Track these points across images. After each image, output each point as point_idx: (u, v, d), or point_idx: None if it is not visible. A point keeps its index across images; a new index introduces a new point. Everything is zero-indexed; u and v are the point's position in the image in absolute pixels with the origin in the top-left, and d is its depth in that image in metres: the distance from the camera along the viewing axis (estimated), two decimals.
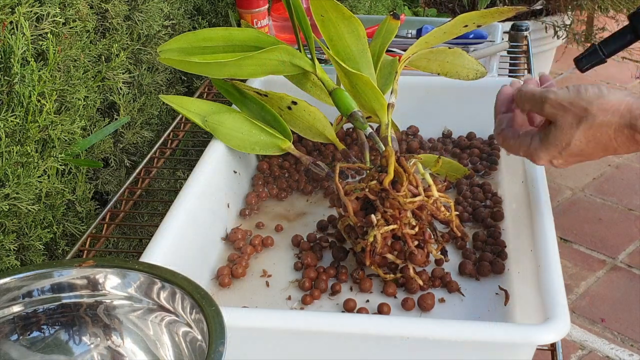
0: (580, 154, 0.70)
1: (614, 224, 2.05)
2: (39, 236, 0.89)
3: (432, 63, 0.97)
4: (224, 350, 0.51)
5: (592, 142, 0.68)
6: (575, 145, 0.69)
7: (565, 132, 0.69)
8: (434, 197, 0.78)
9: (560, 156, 0.71)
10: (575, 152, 0.70)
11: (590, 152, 0.70)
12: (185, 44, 0.91)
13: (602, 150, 0.69)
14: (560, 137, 0.70)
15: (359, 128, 0.88)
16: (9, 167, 0.81)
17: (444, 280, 0.78)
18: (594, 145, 0.69)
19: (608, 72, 2.77)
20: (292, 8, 0.89)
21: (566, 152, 0.70)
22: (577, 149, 0.69)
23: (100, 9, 1.01)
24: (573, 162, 0.72)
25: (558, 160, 0.72)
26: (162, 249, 0.74)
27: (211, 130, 0.92)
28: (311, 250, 0.84)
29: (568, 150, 0.70)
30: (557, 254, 0.70)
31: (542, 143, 0.71)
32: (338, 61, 0.87)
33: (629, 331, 1.69)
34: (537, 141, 0.72)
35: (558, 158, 0.71)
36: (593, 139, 0.68)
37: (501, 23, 1.28)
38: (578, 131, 0.68)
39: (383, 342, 0.65)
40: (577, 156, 0.71)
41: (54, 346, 0.62)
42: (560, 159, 0.72)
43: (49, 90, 0.86)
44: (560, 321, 0.62)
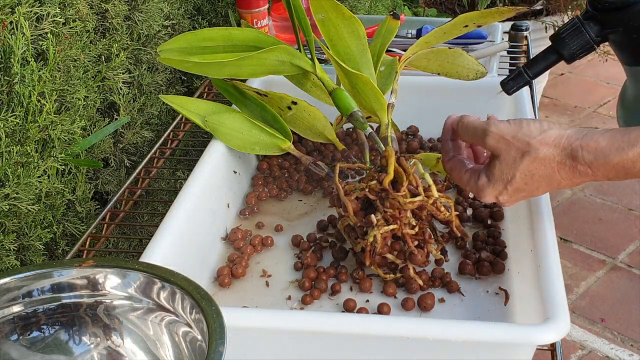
0: (525, 189, 0.71)
1: (614, 224, 2.05)
2: (39, 236, 0.89)
3: (432, 63, 0.97)
4: (224, 350, 0.51)
5: (536, 176, 0.70)
6: (520, 179, 0.70)
7: (509, 166, 0.70)
8: (434, 197, 0.78)
9: (505, 191, 0.72)
10: (520, 186, 0.71)
11: (535, 187, 0.71)
12: (185, 44, 0.91)
13: (546, 183, 0.70)
14: (505, 171, 0.71)
15: (359, 128, 0.88)
16: (9, 167, 0.81)
17: (444, 280, 0.78)
18: (538, 179, 0.70)
19: (608, 72, 2.77)
20: (292, 8, 0.89)
21: (511, 186, 0.71)
22: (521, 182, 0.70)
23: (100, 9, 1.01)
24: (518, 198, 0.73)
25: (504, 196, 0.72)
26: (162, 249, 0.74)
27: (211, 130, 0.92)
28: (311, 250, 0.84)
29: (513, 185, 0.71)
30: (557, 254, 0.70)
31: (488, 179, 0.73)
32: (338, 61, 0.87)
33: (629, 331, 1.69)
34: (483, 178, 0.73)
35: (503, 194, 0.72)
36: (537, 172, 0.69)
37: (501, 23, 1.28)
38: (522, 165, 0.69)
39: (383, 342, 0.65)
40: (521, 191, 0.71)
41: (54, 346, 0.62)
42: (505, 195, 0.72)
43: (49, 90, 0.86)
44: (560, 321, 0.62)
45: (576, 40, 0.81)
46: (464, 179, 0.76)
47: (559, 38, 0.82)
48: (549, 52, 0.84)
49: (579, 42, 0.81)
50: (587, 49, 0.82)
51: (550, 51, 0.84)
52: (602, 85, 2.77)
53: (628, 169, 0.66)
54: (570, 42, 0.81)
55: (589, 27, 0.80)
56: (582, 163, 0.67)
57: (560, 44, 0.82)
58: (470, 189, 0.76)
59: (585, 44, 0.81)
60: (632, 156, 0.65)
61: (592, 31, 0.80)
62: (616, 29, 0.80)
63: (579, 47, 0.81)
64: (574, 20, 0.81)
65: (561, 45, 0.82)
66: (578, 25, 0.81)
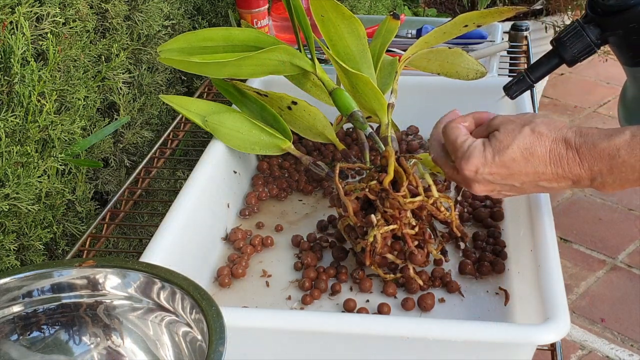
0: (511, 165, 0.69)
1: (614, 224, 2.05)
2: (39, 236, 0.89)
3: (432, 63, 0.97)
4: (224, 350, 0.51)
5: (528, 151, 0.69)
6: (512, 151, 0.69)
7: (507, 134, 0.70)
8: (434, 197, 0.78)
9: (491, 163, 0.70)
10: (507, 160, 0.69)
11: (522, 165, 0.69)
12: (185, 44, 0.91)
13: (533, 165, 0.69)
14: (501, 137, 0.70)
15: (359, 128, 0.88)
16: (9, 167, 0.81)
17: (444, 280, 0.78)
18: (528, 156, 0.69)
19: (608, 72, 2.77)
20: (292, 8, 0.89)
21: (500, 157, 0.69)
22: (511, 155, 0.69)
23: (100, 9, 1.01)
24: (499, 176, 0.71)
25: (485, 168, 0.70)
26: (162, 249, 0.74)
27: (211, 130, 0.92)
28: (311, 250, 0.84)
29: (503, 156, 0.69)
30: (557, 254, 0.70)
31: (482, 144, 0.71)
32: (338, 61, 0.87)
33: (629, 331, 1.69)
34: (478, 143, 0.72)
35: (487, 165, 0.70)
36: (530, 146, 0.69)
37: (501, 23, 1.28)
38: (520, 135, 0.69)
39: (383, 342, 0.65)
40: (506, 168, 0.70)
41: (54, 346, 0.62)
42: (487, 167, 0.70)
43: (49, 90, 0.86)
44: (560, 321, 0.62)
45: (577, 43, 0.82)
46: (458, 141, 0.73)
47: (560, 42, 0.83)
48: (550, 55, 0.85)
49: (580, 45, 0.82)
50: (588, 52, 0.83)
51: (551, 55, 0.85)
52: (602, 85, 2.77)
53: (613, 157, 0.66)
54: (572, 45, 0.82)
55: (590, 30, 0.81)
56: (571, 146, 0.67)
57: (562, 48, 0.83)
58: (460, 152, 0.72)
59: (586, 47, 0.82)
60: (617, 142, 0.66)
61: (593, 34, 0.81)
62: (616, 31, 0.81)
63: (580, 51, 0.82)
64: (575, 24, 0.82)
65: (562, 48, 0.83)
66: (578, 28, 0.82)
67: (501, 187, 0.72)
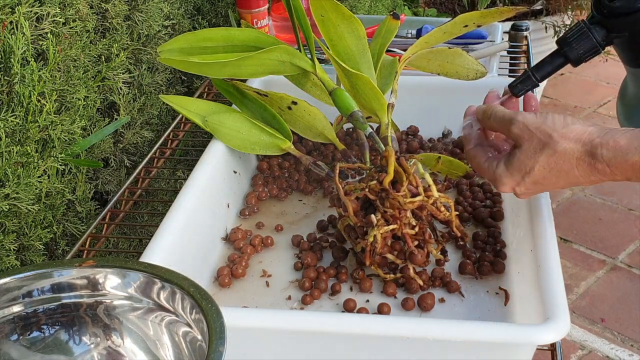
0: (542, 182, 0.71)
1: (614, 224, 2.05)
2: (39, 236, 0.89)
3: (432, 63, 0.97)
4: (224, 350, 0.51)
5: (554, 170, 0.70)
6: (539, 171, 0.70)
7: (529, 157, 0.71)
8: (433, 197, 0.78)
9: (523, 182, 0.72)
10: (537, 179, 0.71)
11: (552, 181, 0.71)
12: (185, 44, 0.91)
13: (563, 179, 0.70)
14: (525, 161, 0.71)
15: (359, 128, 0.88)
16: (9, 167, 0.81)
17: (444, 280, 0.78)
18: (556, 174, 0.70)
19: (608, 72, 2.77)
20: (292, 8, 0.89)
21: (529, 178, 0.71)
22: (539, 175, 0.71)
23: (100, 9, 1.01)
24: (535, 191, 0.74)
25: (520, 187, 0.73)
26: (162, 249, 0.74)
27: (211, 130, 0.92)
28: (311, 250, 0.84)
29: (531, 177, 0.71)
30: (557, 254, 0.70)
31: (506, 168, 0.73)
32: (338, 61, 0.87)
33: (629, 331, 1.69)
34: (502, 167, 0.73)
35: (521, 185, 0.72)
36: (555, 166, 0.69)
37: (501, 23, 1.28)
38: (541, 157, 0.70)
39: (383, 342, 0.65)
40: (539, 184, 0.72)
41: (54, 346, 0.62)
42: (522, 186, 0.72)
43: (49, 90, 0.86)
44: (560, 321, 0.62)
45: (583, 44, 0.83)
46: (484, 167, 0.76)
47: (566, 42, 0.84)
48: (555, 55, 0.86)
49: (586, 45, 0.83)
50: (593, 53, 0.84)
51: (556, 54, 0.86)
52: (602, 85, 2.77)
53: None
54: (577, 45, 0.83)
55: (595, 31, 0.82)
56: (600, 161, 0.67)
57: (567, 48, 0.84)
58: (488, 177, 0.76)
59: (592, 47, 0.83)
60: None
61: (598, 35, 0.82)
62: (622, 33, 0.82)
63: (586, 51, 0.83)
64: (580, 25, 0.83)
65: (568, 48, 0.84)
66: (585, 29, 0.83)
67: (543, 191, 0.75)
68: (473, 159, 0.78)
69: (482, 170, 0.77)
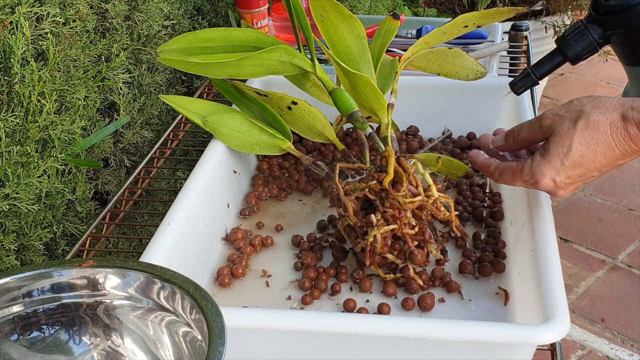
0: (582, 163, 0.70)
1: (614, 224, 2.05)
2: (39, 236, 0.89)
3: (432, 63, 0.97)
4: (224, 350, 0.51)
5: (591, 144, 0.69)
6: (576, 149, 0.70)
7: (564, 136, 0.70)
8: (433, 197, 0.78)
9: (562, 168, 0.71)
10: (576, 158, 0.70)
11: (591, 159, 0.70)
12: (185, 44, 0.91)
13: (601, 153, 0.70)
14: (560, 142, 0.70)
15: (359, 128, 0.88)
16: (9, 167, 0.81)
17: (444, 280, 0.78)
18: (593, 148, 0.69)
19: (608, 72, 2.77)
20: (292, 8, 0.89)
21: (568, 160, 0.70)
22: (578, 154, 0.70)
23: (100, 9, 1.01)
24: (575, 177, 0.72)
25: (560, 175, 0.71)
26: (162, 249, 0.74)
27: (211, 130, 0.92)
28: (311, 250, 0.84)
29: (570, 158, 0.70)
30: (557, 254, 0.70)
31: (543, 157, 0.72)
32: (338, 61, 0.87)
33: (629, 331, 1.69)
34: (537, 157, 0.72)
35: (560, 172, 0.71)
36: (592, 138, 0.69)
37: (501, 23, 1.28)
38: (576, 132, 0.69)
39: (383, 342, 0.65)
40: (578, 166, 0.71)
41: (54, 346, 0.62)
42: (562, 173, 0.71)
43: (49, 90, 0.86)
44: (560, 321, 0.62)
45: (580, 42, 0.84)
46: (518, 170, 0.74)
47: (564, 40, 0.86)
48: (554, 54, 0.88)
49: (583, 44, 0.84)
50: (590, 51, 0.85)
51: (555, 53, 0.88)
52: (602, 85, 2.77)
53: None
54: (575, 44, 0.85)
55: (592, 30, 0.83)
56: (632, 123, 0.68)
57: (566, 46, 0.85)
58: (526, 177, 0.73)
59: (589, 45, 0.84)
60: None
61: (596, 33, 0.83)
62: (617, 30, 0.83)
63: (583, 49, 0.84)
64: (578, 24, 0.85)
65: (566, 47, 0.85)
66: (582, 28, 0.84)
67: (582, 182, 0.73)
68: (503, 172, 0.76)
69: (517, 175, 0.74)
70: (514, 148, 0.78)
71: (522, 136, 0.76)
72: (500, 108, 1.04)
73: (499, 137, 0.79)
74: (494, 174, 0.77)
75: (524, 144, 0.77)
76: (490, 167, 0.78)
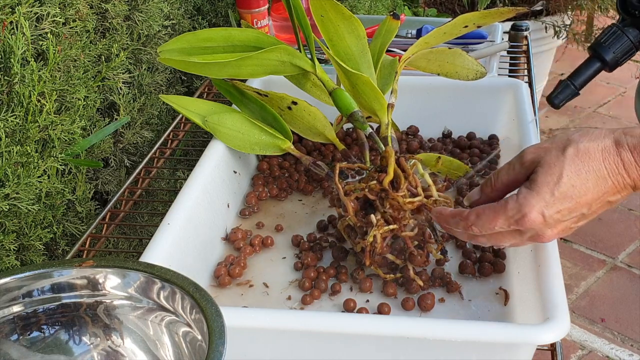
0: (573, 193, 0.64)
1: (614, 224, 2.05)
2: (39, 236, 0.89)
3: (432, 63, 0.97)
4: (224, 350, 0.51)
5: (582, 172, 0.64)
6: (568, 178, 0.64)
7: (553, 165, 0.65)
8: (433, 197, 0.78)
9: (552, 199, 0.64)
10: (567, 189, 0.64)
11: (583, 190, 0.64)
12: (185, 44, 0.91)
13: (593, 184, 0.64)
14: (549, 171, 0.64)
15: (359, 128, 0.88)
16: (9, 167, 0.81)
17: (444, 280, 0.79)
18: (585, 177, 0.64)
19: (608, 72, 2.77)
20: (292, 8, 0.89)
21: (559, 190, 0.64)
22: (569, 183, 0.64)
23: (100, 9, 1.01)
24: (567, 211, 0.65)
25: (550, 208, 0.64)
26: (162, 249, 0.74)
27: (211, 130, 0.92)
28: (311, 250, 0.84)
29: (560, 188, 0.64)
30: (557, 254, 0.70)
31: (530, 189, 0.65)
32: (338, 61, 0.87)
33: (629, 331, 1.69)
34: (523, 191, 0.66)
35: (550, 205, 0.64)
36: (583, 167, 0.64)
37: (501, 23, 1.28)
38: (566, 160, 0.64)
39: (383, 342, 0.65)
40: (570, 198, 0.64)
41: (54, 346, 0.62)
42: (552, 207, 0.64)
43: (49, 90, 0.86)
44: (560, 321, 0.62)
45: (618, 45, 0.84)
46: (500, 209, 0.66)
47: (601, 46, 0.84)
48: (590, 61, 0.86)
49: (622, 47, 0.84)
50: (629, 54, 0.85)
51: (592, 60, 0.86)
52: (602, 85, 2.77)
53: None
54: (612, 48, 0.84)
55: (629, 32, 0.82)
56: (625, 149, 0.63)
57: (603, 51, 0.84)
58: (511, 212, 0.66)
59: (628, 48, 0.84)
60: None
61: (632, 35, 0.83)
62: None
63: (623, 53, 0.84)
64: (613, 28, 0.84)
65: (604, 52, 0.84)
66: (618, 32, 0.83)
67: (571, 222, 0.66)
68: (482, 214, 0.68)
69: (499, 213, 0.66)
70: (493, 198, 0.71)
71: (502, 180, 0.69)
72: (500, 108, 1.04)
73: (473, 192, 0.73)
74: (468, 218, 0.69)
75: (504, 189, 0.70)
76: (463, 213, 0.69)
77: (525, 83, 1.04)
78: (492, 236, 0.69)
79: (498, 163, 1.00)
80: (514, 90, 1.02)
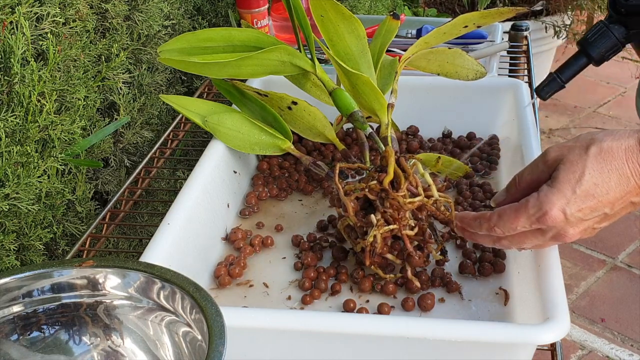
0: (595, 191, 0.64)
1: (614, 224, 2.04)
2: (39, 236, 0.89)
3: (432, 63, 0.97)
4: (224, 350, 0.51)
5: (605, 171, 0.63)
6: (590, 176, 0.63)
7: (575, 163, 0.64)
8: (433, 197, 0.78)
9: (574, 197, 0.64)
10: (589, 187, 0.63)
11: (605, 188, 0.64)
12: (185, 44, 0.91)
13: (616, 183, 0.63)
14: (572, 169, 0.64)
15: (359, 128, 0.88)
16: (9, 167, 0.81)
17: (444, 280, 0.79)
18: (607, 175, 0.63)
19: (609, 72, 2.77)
20: (292, 8, 0.89)
21: (580, 188, 0.63)
22: (591, 181, 0.63)
23: (100, 9, 1.01)
24: (588, 209, 0.64)
25: (571, 206, 0.64)
26: (162, 249, 0.74)
27: (211, 130, 0.92)
28: (311, 250, 0.84)
29: (582, 186, 0.63)
30: (557, 254, 0.70)
31: (551, 186, 0.65)
32: (338, 61, 0.87)
33: (629, 331, 1.69)
34: (544, 188, 0.65)
35: (571, 202, 0.64)
36: (606, 165, 0.63)
37: (501, 23, 1.28)
38: (589, 158, 0.64)
39: (383, 342, 0.65)
40: (592, 197, 0.64)
41: (54, 346, 0.62)
42: (573, 204, 0.64)
43: (49, 90, 0.86)
44: (560, 321, 0.62)
45: (604, 42, 0.85)
46: (521, 207, 0.66)
47: (587, 42, 0.86)
48: (578, 56, 0.88)
49: (607, 44, 0.85)
50: (614, 50, 0.86)
51: (579, 55, 0.87)
52: (602, 85, 2.77)
53: None
54: (598, 44, 0.85)
55: (615, 30, 0.84)
56: None
57: (589, 47, 0.86)
58: (532, 210, 0.65)
59: (613, 45, 0.85)
60: None
61: (618, 33, 0.84)
62: None
63: (607, 49, 0.85)
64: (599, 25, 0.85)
65: (590, 48, 0.86)
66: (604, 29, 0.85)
67: (594, 222, 0.66)
68: (503, 214, 0.68)
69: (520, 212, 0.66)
70: (517, 198, 0.70)
71: (525, 180, 0.70)
72: (500, 108, 1.04)
73: (499, 193, 0.74)
74: (491, 219, 0.69)
75: (528, 189, 0.69)
76: (485, 215, 0.70)
77: (525, 83, 1.04)
78: (514, 237, 0.69)
79: (498, 163, 1.00)
80: (514, 90, 1.02)
